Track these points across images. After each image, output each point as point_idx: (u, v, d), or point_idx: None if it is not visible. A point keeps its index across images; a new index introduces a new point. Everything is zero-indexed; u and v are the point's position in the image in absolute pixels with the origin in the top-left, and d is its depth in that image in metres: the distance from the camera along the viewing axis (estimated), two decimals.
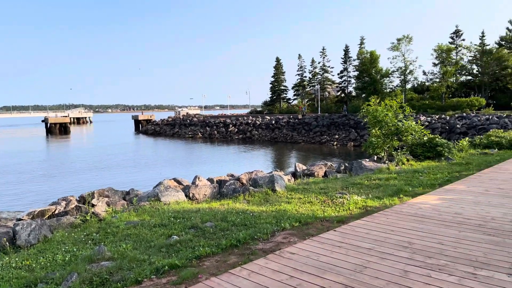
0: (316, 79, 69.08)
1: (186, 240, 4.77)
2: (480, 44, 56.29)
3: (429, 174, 8.70)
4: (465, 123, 38.67)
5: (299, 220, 5.45)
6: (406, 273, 3.53)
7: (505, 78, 53.93)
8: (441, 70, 52.47)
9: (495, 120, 36.78)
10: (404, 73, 54.92)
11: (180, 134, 59.10)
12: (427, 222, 5.09)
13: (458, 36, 56.98)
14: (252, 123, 54.97)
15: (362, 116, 12.95)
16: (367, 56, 56.61)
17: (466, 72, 58.37)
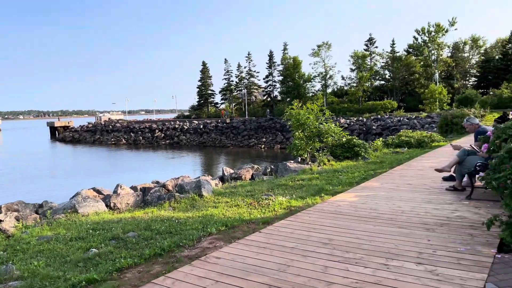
0: (242, 84, 69.97)
1: (106, 252, 4.52)
2: (391, 51, 61.25)
3: (347, 173, 9.21)
4: (380, 124, 41.74)
5: (226, 224, 5.45)
6: (326, 269, 3.69)
7: (413, 83, 59.26)
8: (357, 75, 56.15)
9: (405, 121, 40.19)
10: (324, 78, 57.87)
11: (102, 141, 56.14)
12: (345, 219, 5.38)
13: (372, 43, 61.41)
14: (180, 128, 54.02)
15: (285, 119, 13.39)
16: (291, 62, 58.69)
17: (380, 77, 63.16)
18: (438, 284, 3.26)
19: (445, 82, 59.02)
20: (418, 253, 3.98)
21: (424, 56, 59.23)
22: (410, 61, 58.13)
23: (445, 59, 59.67)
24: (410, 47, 62.62)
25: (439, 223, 4.99)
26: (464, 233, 4.56)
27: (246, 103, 64.35)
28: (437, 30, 57.94)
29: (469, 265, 3.63)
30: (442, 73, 59.91)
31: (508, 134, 4.44)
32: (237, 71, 70.47)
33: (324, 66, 57.79)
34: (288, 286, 3.36)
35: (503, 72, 56.52)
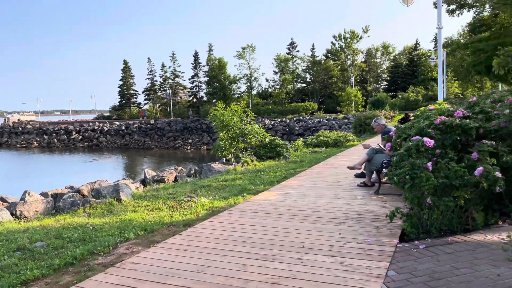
0: (167, 84, 68.41)
1: (9, 264, 4.15)
2: (311, 55, 64.15)
3: (269, 173, 9.47)
4: (302, 125, 43.50)
5: (145, 228, 5.30)
6: (245, 267, 3.77)
7: (332, 86, 62.67)
8: (281, 78, 57.92)
9: (325, 122, 42.36)
10: (249, 80, 58.82)
11: (10, 144, 51.30)
12: (265, 217, 5.53)
13: (293, 47, 63.76)
14: (99, 129, 51.23)
15: (209, 121, 13.38)
16: (216, 63, 58.75)
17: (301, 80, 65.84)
18: (347, 274, 3.50)
19: (359, 85, 63.27)
20: (330, 246, 4.23)
21: (341, 60, 62.94)
22: (328, 65, 61.44)
23: (359, 64, 63.98)
24: (328, 52, 66.12)
25: (350, 217, 5.35)
26: (371, 225, 4.94)
27: (171, 103, 63.00)
28: (352, 37, 61.92)
29: (374, 255, 3.94)
30: (357, 77, 64.13)
31: (408, 133, 4.90)
32: (161, 71, 68.69)
33: (249, 68, 58.77)
34: (206, 286, 3.38)
35: (409, 77, 62.10)
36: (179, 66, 76.25)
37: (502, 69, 3.30)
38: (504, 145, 4.72)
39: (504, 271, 3.32)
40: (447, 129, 4.68)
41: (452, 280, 3.23)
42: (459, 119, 4.71)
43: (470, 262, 3.59)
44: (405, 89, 56.19)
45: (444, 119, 4.73)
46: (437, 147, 4.46)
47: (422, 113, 5.65)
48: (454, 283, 3.19)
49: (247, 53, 57.77)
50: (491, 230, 4.50)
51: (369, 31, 62.55)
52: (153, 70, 69.00)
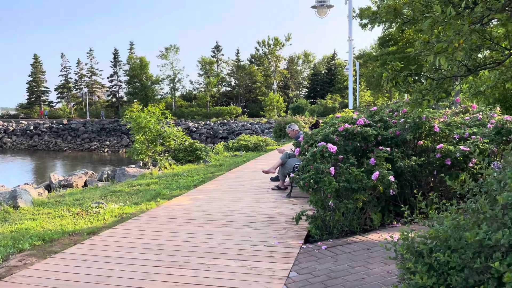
0: (83, 82, 64.42)
1: None
2: (236, 59, 64.89)
3: (187, 177, 9.33)
4: (226, 129, 43.71)
5: (43, 237, 4.88)
6: (149, 275, 3.64)
7: (256, 91, 63.94)
8: (205, 80, 57.64)
9: (248, 126, 43.00)
10: (173, 81, 57.67)
11: None
12: (177, 222, 5.42)
13: (218, 50, 63.96)
14: (4, 129, 46.51)
15: (125, 122, 12.84)
16: (137, 62, 56.74)
17: (226, 84, 66.26)
18: (251, 277, 3.55)
19: (282, 91, 65.41)
20: (238, 250, 4.27)
21: (264, 66, 64.53)
22: (252, 70, 62.65)
23: (282, 71, 66.15)
24: (252, 57, 67.41)
25: (261, 220, 5.46)
26: (280, 228, 5.09)
27: (87, 103, 59.36)
28: (275, 44, 63.88)
29: (279, 257, 4.05)
30: (279, 83, 66.24)
31: (314, 139, 5.14)
32: (76, 67, 64.49)
33: (173, 69, 57.65)
34: None
35: (328, 85, 65.68)
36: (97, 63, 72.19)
37: (390, 82, 3.59)
38: (399, 151, 5.17)
39: (394, 268, 3.61)
40: (349, 136, 5.01)
41: (347, 279, 3.44)
42: (360, 127, 5.06)
43: (365, 260, 3.85)
44: (324, 96, 59.30)
45: (347, 126, 5.05)
46: (340, 152, 4.74)
47: (329, 120, 5.98)
48: (349, 281, 3.40)
49: (170, 54, 56.66)
50: (387, 229, 4.89)
51: (291, 39, 65.08)
52: (67, 67, 64.58)
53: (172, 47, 56.61)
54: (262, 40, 64.83)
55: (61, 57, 64.65)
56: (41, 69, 65.18)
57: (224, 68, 64.80)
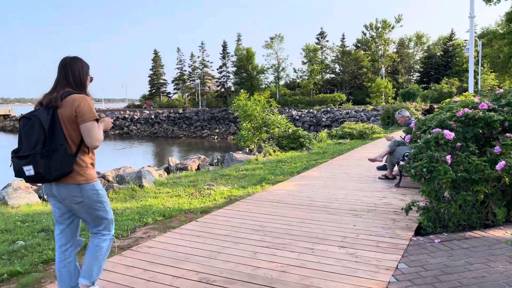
0: (196, 74, 69.08)
1: (33, 244, 4.37)
2: (341, 45, 63.01)
3: (290, 163, 9.46)
4: (330, 116, 42.99)
5: (164, 214, 5.43)
6: (255, 254, 3.82)
7: (361, 77, 61.45)
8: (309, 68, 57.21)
9: (353, 113, 41.67)
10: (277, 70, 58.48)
11: None
12: (281, 207, 5.56)
13: (323, 37, 62.82)
14: (130, 118, 52.48)
15: (233, 110, 13.47)
16: (244, 53, 58.69)
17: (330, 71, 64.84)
18: (356, 265, 3.49)
19: (390, 76, 61.75)
20: (342, 238, 4.21)
21: (371, 51, 61.50)
22: (358, 55, 60.19)
23: (391, 55, 62.35)
24: (359, 42, 64.74)
25: (367, 209, 5.29)
26: (387, 218, 4.87)
27: (199, 93, 63.66)
28: (384, 26, 60.32)
29: (387, 247, 3.89)
30: (388, 68, 62.61)
31: (428, 126, 4.77)
32: (190, 60, 69.41)
33: (277, 58, 58.45)
34: (216, 272, 3.45)
35: (443, 68, 60.05)
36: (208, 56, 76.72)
37: None
38: None
39: None
40: (469, 122, 4.53)
41: (464, 275, 3.16)
42: (483, 111, 4.54)
43: (485, 258, 3.49)
44: (439, 81, 54.42)
45: (467, 111, 4.57)
46: (458, 140, 4.32)
47: (446, 105, 5.48)
48: (466, 278, 3.12)
49: (275, 43, 57.44)
50: None
51: (402, 20, 60.77)
52: (182, 60, 69.82)
53: (277, 36, 57.32)
54: (370, 23, 61.85)
55: (177, 51, 70.24)
56: (160, 63, 71.67)
57: (329, 55, 63.55)
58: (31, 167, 2.51)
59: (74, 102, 2.61)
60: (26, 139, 2.58)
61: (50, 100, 2.62)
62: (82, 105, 2.62)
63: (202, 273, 3.42)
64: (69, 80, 2.72)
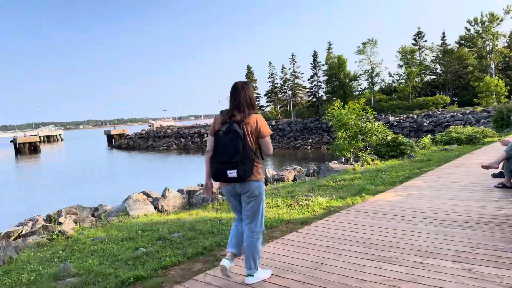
0: (287, 86, 69.98)
1: (153, 251, 4.84)
2: (442, 44, 58.55)
3: (391, 172, 9.05)
4: (432, 121, 40.06)
5: (265, 224, 5.61)
6: (360, 267, 3.74)
7: (467, 76, 56.23)
8: (406, 71, 54.17)
9: (459, 116, 38.28)
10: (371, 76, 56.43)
11: (154, 146, 58.53)
12: (384, 218, 5.36)
13: (420, 37, 59.11)
14: None
15: (327, 120, 13.35)
16: (335, 61, 57.87)
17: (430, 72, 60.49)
18: (474, 282, 3.22)
19: (502, 73, 55.43)
20: (456, 252, 3.92)
21: (477, 47, 56.02)
22: (462, 53, 55.25)
23: (501, 50, 56.03)
24: (462, 39, 59.48)
25: (482, 221, 4.84)
26: (508, 231, 4.40)
27: (291, 104, 64.31)
28: (491, 20, 54.56)
29: (509, 263, 3.52)
30: (498, 64, 56.35)
31: None
32: (281, 73, 70.62)
33: (370, 64, 56.43)
34: (321, 283, 3.46)
35: None
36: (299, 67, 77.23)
37: None
38: None
39: None
40: None
41: None
42: None
43: None
44: None
45: None
46: None
47: None
48: None
49: (368, 48, 55.60)
50: None
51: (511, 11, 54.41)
52: (273, 73, 71.35)
53: (370, 41, 55.45)
54: (474, 18, 56.48)
55: (268, 65, 71.92)
56: (253, 78, 74.22)
57: (428, 56, 59.41)
58: (235, 171, 3.19)
59: (257, 120, 3.33)
60: (228, 148, 3.21)
61: (241, 118, 3.29)
62: (263, 123, 3.38)
63: (307, 283, 3.47)
64: (247, 101, 3.38)
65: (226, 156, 3.21)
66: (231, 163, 3.19)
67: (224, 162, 3.22)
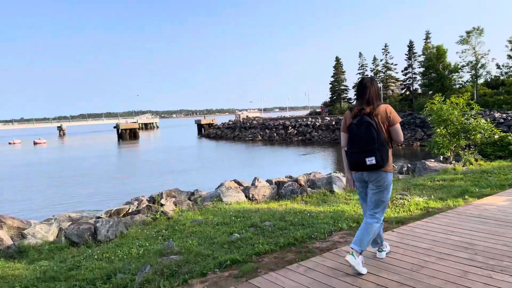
0: (378, 78, 66.98)
1: (246, 237, 5.04)
2: None
3: (499, 175, 8.23)
4: None
5: (357, 220, 5.50)
6: (465, 274, 3.49)
7: None
8: None
9: None
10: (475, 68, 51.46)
11: (240, 137, 60.38)
12: (492, 224, 4.90)
13: None
14: (312, 125, 54.63)
15: (425, 115, 12.51)
16: (434, 51, 53.81)
17: None
18: None
19: None
20: None
21: None
22: None
23: None
24: None
25: None
26: None
27: (382, 97, 61.50)
28: None
29: None
30: None
31: None
32: (372, 64, 67.78)
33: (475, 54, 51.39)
34: (422, 286, 3.30)
35: None
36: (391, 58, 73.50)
37: None
38: None
39: None
40: None
41: None
42: None
43: None
44: None
45: None
46: None
47: None
48: None
49: (472, 37, 50.66)
50: None
51: None
52: (364, 65, 68.79)
53: (475, 29, 50.44)
54: None
55: (358, 56, 69.48)
56: (341, 70, 72.37)
57: None
58: (373, 158, 3.38)
59: (386, 109, 3.51)
60: (363, 137, 3.40)
61: (371, 110, 3.47)
62: (393, 111, 3.54)
63: (406, 285, 3.33)
64: (375, 95, 3.55)
65: (362, 145, 3.41)
66: (369, 151, 3.38)
67: (361, 151, 3.41)
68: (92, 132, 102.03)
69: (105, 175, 25.52)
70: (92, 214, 9.44)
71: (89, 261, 4.69)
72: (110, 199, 16.05)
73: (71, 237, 5.74)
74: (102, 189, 19.92)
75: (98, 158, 36.83)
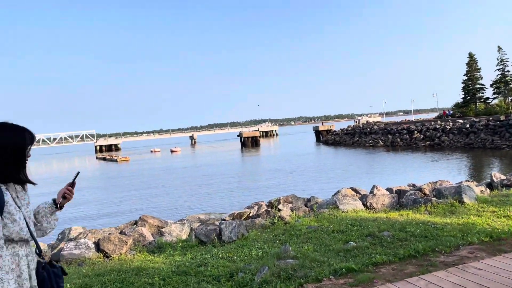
0: None
1: (362, 247, 4.96)
2: None
3: None
4: None
5: (490, 235, 4.96)
6: None
7: None
8: None
9: None
10: None
11: (360, 143, 58.58)
12: None
13: None
14: (441, 128, 50.13)
15: None
16: None
17: None
18: None
19: None
20: None
21: None
22: None
23: None
24: None
25: None
26: None
27: None
28: None
29: None
30: None
31: None
32: None
33: None
34: None
35: None
36: None
37: None
38: None
39: None
40: None
41: None
42: None
43: None
44: None
45: None
46: None
47: None
48: None
49: None
50: None
51: None
52: (504, 60, 60.54)
53: None
54: None
55: (497, 50, 61.47)
56: (476, 67, 64.83)
57: None
58: None
59: None
60: None
61: None
62: None
63: None
64: None
65: None
66: None
67: None
68: (219, 141, 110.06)
69: (229, 180, 27.33)
70: (218, 216, 10.26)
71: (215, 259, 5.15)
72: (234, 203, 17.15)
73: (200, 237, 6.36)
74: (226, 193, 21.41)
75: (224, 166, 39.58)
